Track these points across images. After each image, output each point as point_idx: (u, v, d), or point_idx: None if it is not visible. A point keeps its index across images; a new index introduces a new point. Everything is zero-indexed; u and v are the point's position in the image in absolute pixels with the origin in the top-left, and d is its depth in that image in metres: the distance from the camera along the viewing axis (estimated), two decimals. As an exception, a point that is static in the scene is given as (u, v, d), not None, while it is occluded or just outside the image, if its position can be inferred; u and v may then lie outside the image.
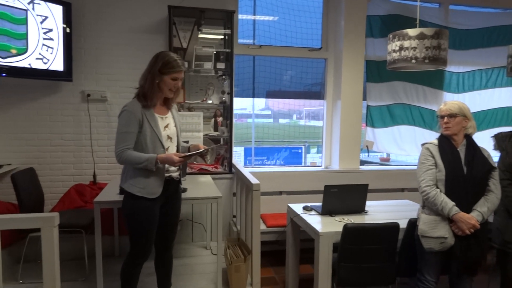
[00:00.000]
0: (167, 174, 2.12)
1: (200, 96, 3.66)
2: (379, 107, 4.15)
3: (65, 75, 3.33)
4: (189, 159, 2.20)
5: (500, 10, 4.43)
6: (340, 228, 2.35)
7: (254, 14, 4.00)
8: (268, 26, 4.08)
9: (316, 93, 4.34)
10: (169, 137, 2.14)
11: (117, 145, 2.02)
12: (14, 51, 2.99)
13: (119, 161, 2.02)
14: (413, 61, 2.54)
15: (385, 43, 4.07)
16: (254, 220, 2.61)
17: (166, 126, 2.13)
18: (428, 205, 2.15)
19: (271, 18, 4.07)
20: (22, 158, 3.42)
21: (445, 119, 2.18)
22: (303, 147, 9.55)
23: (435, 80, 4.27)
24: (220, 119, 3.70)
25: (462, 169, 2.10)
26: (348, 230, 2.24)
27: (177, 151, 2.20)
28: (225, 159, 3.71)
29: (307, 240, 2.89)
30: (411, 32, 2.53)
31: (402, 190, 4.14)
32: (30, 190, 2.83)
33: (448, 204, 2.05)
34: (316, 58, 4.11)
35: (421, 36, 2.51)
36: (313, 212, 2.78)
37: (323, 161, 4.24)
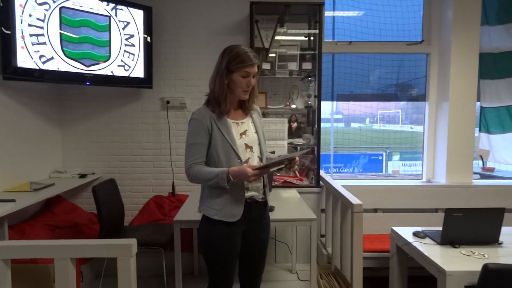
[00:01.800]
0: (247, 194, 1.74)
1: (283, 100, 3.32)
2: (496, 109, 3.43)
3: (146, 81, 3.22)
4: (269, 172, 1.75)
5: None
6: (474, 267, 1.82)
7: (334, 10, 3.55)
8: (348, 22, 3.59)
9: (406, 94, 3.74)
10: (247, 146, 1.75)
11: (186, 160, 1.71)
12: (99, 60, 2.93)
13: (189, 178, 1.70)
14: None
15: (504, 31, 3.37)
16: (355, 248, 2.17)
17: (243, 133, 1.75)
18: None
19: (355, 13, 3.58)
20: (105, 167, 3.38)
21: None
22: (384, 153, 8.77)
23: None
24: (294, 124, 3.32)
25: None
26: (490, 271, 1.69)
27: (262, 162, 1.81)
28: (310, 171, 3.31)
29: (414, 268, 2.39)
30: None
31: (530, 210, 3.36)
32: (110, 202, 2.72)
33: None
34: (416, 53, 3.53)
35: None
36: (427, 240, 2.25)
37: (425, 173, 3.62)
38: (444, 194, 3.33)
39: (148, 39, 3.18)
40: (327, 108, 4.13)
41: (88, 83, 2.93)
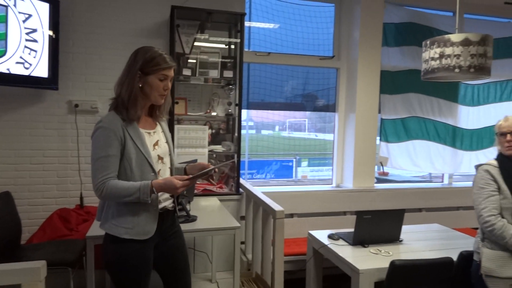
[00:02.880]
0: (160, 206, 1.61)
1: (204, 107, 3.28)
2: (393, 121, 3.87)
3: (50, 82, 2.89)
4: (194, 182, 1.68)
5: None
6: (382, 264, 2.01)
7: (250, 21, 3.66)
8: (263, 34, 3.73)
9: (317, 105, 4.01)
10: (160, 158, 1.64)
11: (95, 176, 1.49)
12: (-11, 54, 2.55)
13: (100, 196, 1.50)
14: (457, 70, 2.23)
15: (399, 52, 3.83)
16: (277, 253, 2.22)
17: (156, 144, 1.63)
18: (492, 238, 1.83)
19: (271, 25, 3.74)
20: (-4, 178, 2.94)
21: (508, 137, 1.88)
22: (294, 160, 9.25)
23: (450, 92, 4.04)
24: (209, 131, 3.32)
25: (531, 196, 1.80)
26: (396, 267, 1.88)
27: (171, 174, 1.70)
28: (230, 178, 3.32)
29: (328, 268, 2.58)
30: (454, 37, 2.23)
31: (420, 210, 3.85)
32: (4, 219, 2.37)
33: (520, 238, 1.74)
34: (327, 67, 3.80)
35: (466, 43, 2.21)
36: (341, 242, 2.41)
37: (334, 178, 3.90)
38: (352, 197, 3.63)
39: (54, 35, 2.87)
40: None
41: (-23, 80, 2.53)
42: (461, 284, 2.00)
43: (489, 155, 4.04)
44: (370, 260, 2.10)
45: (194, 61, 3.13)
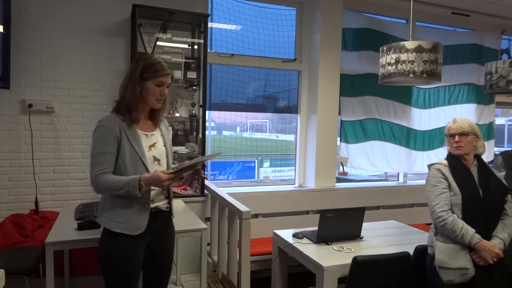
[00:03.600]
0: (152, 205, 1.71)
1: (166, 108, 3.22)
2: (352, 122, 4.02)
3: (1, 80, 2.72)
4: (181, 177, 1.74)
5: (464, 29, 4.58)
6: (345, 260, 2.09)
7: (211, 21, 3.66)
8: (225, 35, 3.75)
9: (278, 106, 4.09)
10: (155, 159, 1.74)
11: (92, 170, 1.62)
12: None
13: (95, 189, 1.62)
14: (411, 75, 2.38)
15: (357, 56, 3.99)
16: (243, 253, 2.24)
17: (152, 146, 1.74)
18: (444, 232, 1.96)
19: (233, 27, 3.77)
20: None
21: (456, 138, 2.03)
22: (256, 160, 9.31)
23: (404, 95, 4.27)
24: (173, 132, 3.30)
25: (478, 192, 1.95)
26: (358, 263, 1.97)
27: None
28: (194, 180, 3.29)
29: (293, 266, 2.66)
30: (408, 44, 2.38)
31: (378, 207, 4.03)
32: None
33: (469, 232, 1.88)
34: (289, 69, 3.88)
35: (419, 49, 2.36)
36: (305, 240, 2.48)
37: (297, 179, 3.99)
38: (314, 197, 3.73)
39: (5, 31, 2.71)
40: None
41: None
42: (417, 276, 2.12)
43: (439, 155, 4.31)
44: (333, 257, 2.18)
45: (157, 61, 3.07)
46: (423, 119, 4.37)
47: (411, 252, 2.13)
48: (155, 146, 1.75)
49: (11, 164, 2.90)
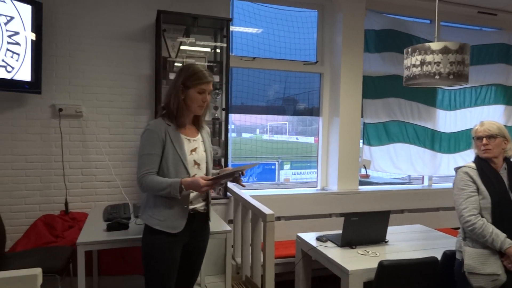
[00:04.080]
0: (191, 207, 1.81)
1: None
2: (375, 124, 3.97)
3: (33, 86, 2.83)
4: (219, 184, 1.85)
5: (489, 29, 4.46)
6: (370, 265, 2.08)
7: (232, 25, 3.69)
8: (246, 38, 3.77)
9: (305, 108, 4.08)
10: (196, 163, 1.84)
11: (138, 170, 1.76)
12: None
13: (141, 188, 1.76)
14: (437, 76, 2.34)
15: (380, 58, 3.95)
16: (267, 256, 2.25)
17: (194, 150, 1.84)
18: (473, 237, 1.91)
19: (254, 30, 3.79)
20: (-25, 184, 2.85)
21: (484, 141, 1.98)
22: (276, 163, 9.30)
23: (429, 97, 4.19)
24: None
25: (508, 195, 1.90)
26: (384, 268, 1.95)
27: None
28: (217, 182, 3.33)
29: (317, 269, 2.66)
30: (434, 46, 2.34)
31: (402, 211, 3.96)
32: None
33: (500, 236, 1.83)
34: (311, 72, 3.88)
35: (445, 50, 2.32)
36: (329, 244, 2.47)
37: (319, 181, 3.97)
38: (337, 200, 3.70)
39: (37, 38, 2.82)
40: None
41: (-43, 84, 2.45)
42: (445, 281, 2.08)
43: (466, 158, 4.20)
44: (358, 261, 2.16)
45: (181, 65, 3.13)
46: (448, 120, 4.27)
47: (439, 257, 2.09)
48: (196, 151, 1.85)
49: (42, 166, 3.00)
